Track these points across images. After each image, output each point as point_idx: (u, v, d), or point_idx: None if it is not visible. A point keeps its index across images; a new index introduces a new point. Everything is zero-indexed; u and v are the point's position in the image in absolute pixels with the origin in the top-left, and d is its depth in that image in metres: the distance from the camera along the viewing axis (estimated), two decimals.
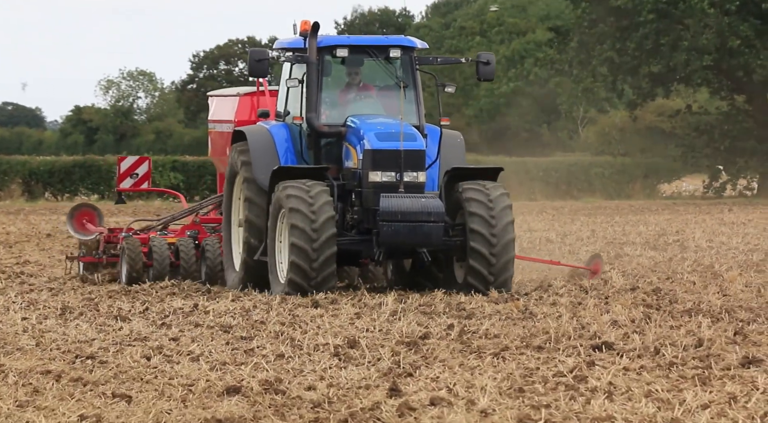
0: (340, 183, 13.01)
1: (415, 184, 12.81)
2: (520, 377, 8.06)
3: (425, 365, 8.59)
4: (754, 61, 39.69)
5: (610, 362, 8.49)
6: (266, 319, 10.96)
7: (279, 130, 13.40)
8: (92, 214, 15.00)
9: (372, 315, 11.21)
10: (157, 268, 14.09)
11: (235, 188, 13.67)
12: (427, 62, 13.47)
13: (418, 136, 13.00)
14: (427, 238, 12.48)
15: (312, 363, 8.69)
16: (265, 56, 13.18)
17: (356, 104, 13.43)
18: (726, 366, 8.33)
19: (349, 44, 13.26)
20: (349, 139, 13.10)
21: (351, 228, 12.96)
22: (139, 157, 15.73)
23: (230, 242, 13.68)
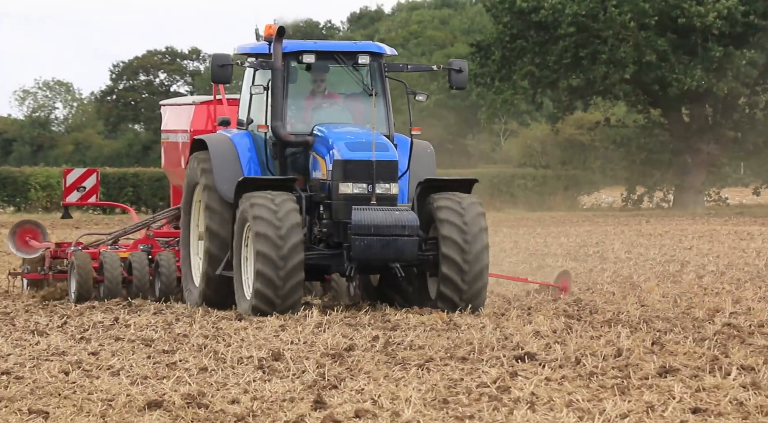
0: (307, 194, 12.33)
1: (388, 196, 12.17)
2: (444, 388, 8.07)
3: (350, 377, 8.54)
4: (669, 75, 40.62)
5: (533, 373, 8.54)
6: (189, 332, 10.85)
7: (242, 139, 12.71)
8: (35, 231, 14.29)
9: (297, 327, 11.08)
10: (108, 285, 13.33)
11: (194, 199, 12.98)
12: (397, 69, 12.82)
13: (390, 146, 12.36)
14: (401, 252, 11.87)
15: (236, 376, 8.59)
16: (229, 62, 12.47)
17: (322, 112, 12.77)
18: (644, 375, 8.39)
19: (316, 50, 12.59)
20: (316, 148, 12.46)
21: (319, 241, 12.29)
22: (86, 169, 15.06)
23: (189, 257, 12.99)
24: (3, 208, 38.95)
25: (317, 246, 12.24)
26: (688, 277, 16.02)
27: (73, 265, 13.42)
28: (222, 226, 12.45)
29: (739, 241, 23.87)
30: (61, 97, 66.22)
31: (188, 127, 14.20)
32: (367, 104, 12.59)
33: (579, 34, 39.80)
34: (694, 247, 21.96)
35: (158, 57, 60.97)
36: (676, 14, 39.36)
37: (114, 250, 13.88)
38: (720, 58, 39.37)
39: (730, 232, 27.67)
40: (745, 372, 8.55)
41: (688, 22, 39.07)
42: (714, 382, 8.11)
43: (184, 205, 13.11)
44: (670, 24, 40.06)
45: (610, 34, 38.97)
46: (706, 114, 42.25)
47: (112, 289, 13.31)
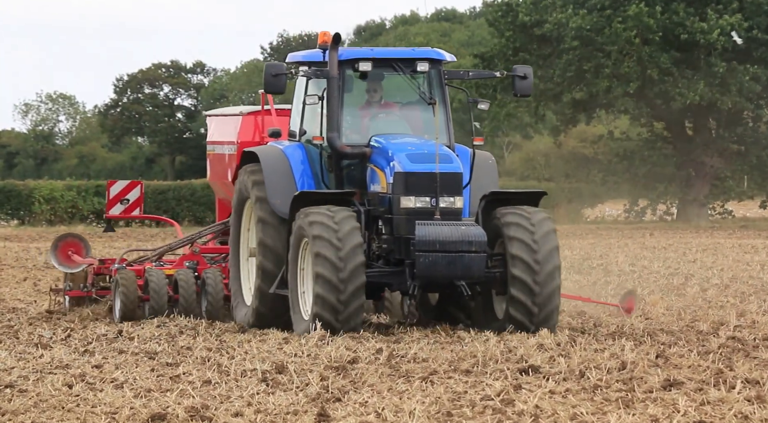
0: (365, 209, 11.57)
1: (452, 211, 11.41)
2: (448, 401, 8.02)
3: (354, 390, 8.48)
4: (672, 89, 40.68)
5: (537, 385, 8.49)
6: (192, 345, 10.76)
7: (294, 151, 11.99)
8: (78, 245, 13.70)
9: (300, 340, 10.95)
10: (154, 303, 12.68)
11: (244, 214, 12.22)
12: (458, 76, 12.11)
13: (454, 157, 11.60)
14: (468, 269, 11.07)
15: (239, 389, 8.54)
16: (283, 71, 11.75)
17: (379, 123, 12.04)
18: (648, 389, 8.35)
19: (372, 57, 11.87)
20: (375, 160, 11.71)
21: (378, 258, 11.54)
22: (130, 182, 14.52)
23: (239, 275, 12.25)
24: (7, 221, 38.99)
25: (376, 262, 11.53)
26: (693, 290, 15.92)
27: (118, 283, 12.79)
28: (276, 240, 11.75)
29: (743, 255, 23.75)
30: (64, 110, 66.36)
31: (235, 138, 13.46)
32: (426, 113, 11.95)
33: (583, 48, 39.85)
34: (698, 260, 21.81)
35: (162, 70, 61.16)
36: (679, 32, 39.42)
37: (159, 267, 13.23)
38: (723, 74, 39.42)
39: (734, 245, 27.57)
40: (750, 385, 8.49)
41: (691, 38, 39.15)
42: (719, 396, 8.04)
43: (233, 220, 12.36)
44: (673, 40, 40.14)
45: (614, 49, 39.02)
46: (710, 127, 42.24)
47: (158, 308, 12.67)
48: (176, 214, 39.59)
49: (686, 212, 41.61)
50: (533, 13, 40.59)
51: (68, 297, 13.78)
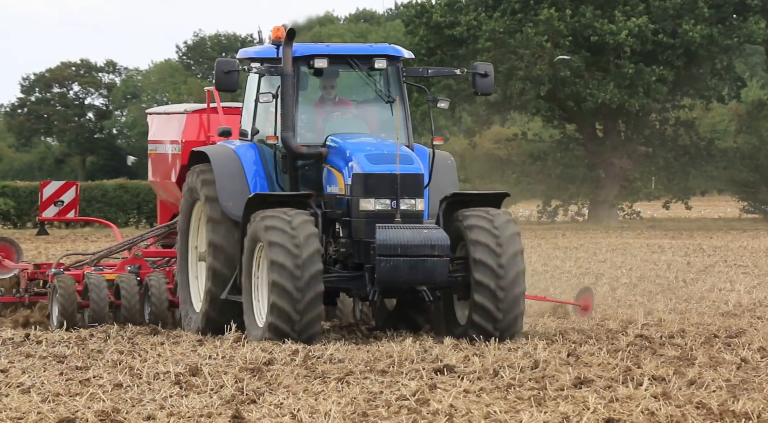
0: (322, 211, 11.04)
1: (413, 213, 10.92)
2: (363, 401, 8.01)
3: (269, 392, 8.40)
4: (583, 90, 41.44)
5: (452, 385, 8.52)
6: (103, 348, 10.58)
7: (246, 151, 11.43)
8: (9, 249, 13.14)
9: (215, 342, 10.88)
10: (94, 309, 12.07)
11: (193, 217, 11.66)
12: (416, 74, 11.59)
13: (414, 158, 11.10)
14: (430, 274, 10.59)
15: (152, 392, 8.41)
16: (235, 67, 11.15)
17: (335, 122, 11.50)
18: (560, 387, 8.44)
19: (328, 53, 11.35)
20: (331, 161, 11.17)
21: (335, 262, 11.00)
22: (65, 182, 13.83)
23: (188, 282, 11.69)
24: None
25: (333, 267, 10.97)
26: (603, 290, 16.19)
27: (56, 288, 12.14)
28: (227, 240, 11.19)
29: (650, 254, 24.05)
30: None
31: (179, 137, 12.92)
32: (383, 112, 11.43)
33: (496, 50, 40.35)
34: (608, 260, 21.96)
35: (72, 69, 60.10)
36: (589, 33, 40.20)
37: (99, 271, 12.61)
38: (632, 75, 40.31)
39: (643, 245, 28.09)
40: (656, 382, 8.60)
41: (601, 39, 39.97)
42: (627, 393, 8.15)
43: (181, 223, 11.77)
44: (583, 42, 40.87)
45: (527, 53, 39.58)
46: (619, 129, 43.13)
47: (99, 315, 12.09)
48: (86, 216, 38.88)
49: (597, 213, 42.32)
50: (447, 15, 40.96)
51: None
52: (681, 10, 40.51)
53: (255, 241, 10.93)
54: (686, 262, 21.92)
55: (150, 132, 13.71)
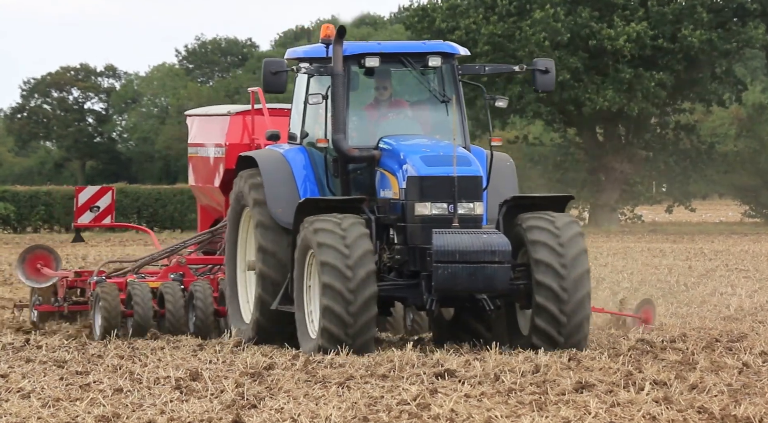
0: (375, 217, 10.53)
1: (472, 217, 10.42)
2: (364, 406, 7.98)
3: (270, 396, 8.34)
4: (582, 94, 41.53)
5: (452, 389, 8.49)
6: (104, 353, 10.54)
7: (296, 155, 10.95)
8: (48, 258, 12.71)
9: (215, 346, 10.80)
10: (138, 318, 11.63)
11: (241, 225, 11.17)
12: (473, 71, 11.16)
13: (472, 160, 10.63)
14: (491, 281, 10.10)
15: (152, 397, 8.36)
16: (283, 68, 10.65)
17: (388, 123, 10.97)
18: (561, 391, 8.43)
19: (380, 52, 10.82)
20: (384, 164, 10.68)
21: (390, 270, 10.50)
22: (101, 187, 13.43)
23: (236, 293, 11.17)
24: None
25: (388, 275, 10.49)
26: (604, 294, 16.17)
27: (98, 297, 11.70)
28: (277, 245, 10.71)
29: (651, 258, 23.95)
30: None
31: (223, 140, 12.41)
32: (438, 112, 10.95)
33: (495, 53, 40.41)
34: (609, 264, 21.84)
35: (72, 73, 60.18)
36: (587, 34, 40.29)
37: (141, 279, 12.13)
38: (630, 80, 40.39)
39: (644, 249, 28.02)
40: (658, 387, 8.60)
41: (599, 44, 40.07)
42: (628, 397, 8.14)
43: (229, 234, 11.25)
44: (581, 44, 40.97)
45: (525, 54, 39.66)
46: (620, 133, 43.21)
47: (143, 324, 11.62)
48: None
49: (597, 217, 42.35)
50: (449, 19, 41.04)
51: (37, 312, 12.69)
52: (680, 15, 40.53)
53: (306, 248, 10.44)
54: (687, 266, 21.90)
55: (190, 135, 13.15)
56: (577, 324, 10.32)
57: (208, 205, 13.06)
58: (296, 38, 64.93)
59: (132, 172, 57.40)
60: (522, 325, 10.64)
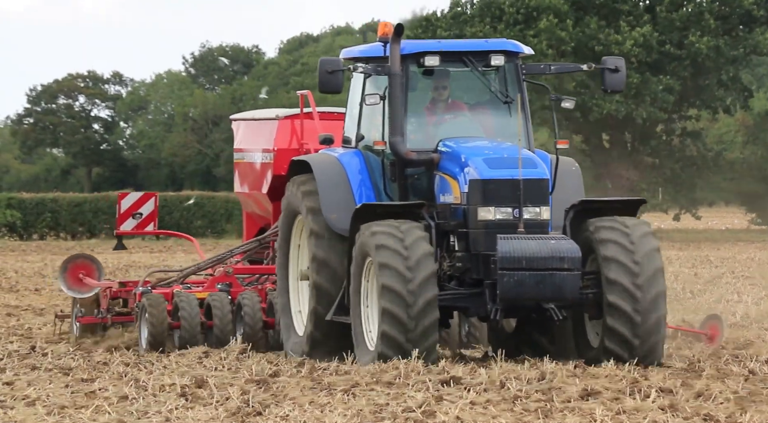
0: (435, 223, 10.05)
1: (538, 222, 9.89)
2: (370, 413, 7.94)
3: (275, 403, 8.29)
4: (589, 100, 41.58)
5: (458, 397, 8.42)
6: (109, 360, 10.53)
7: (351, 159, 10.44)
8: (90, 267, 12.33)
9: (221, 353, 10.76)
10: (186, 330, 11.18)
11: (293, 232, 10.68)
12: (537, 71, 10.65)
13: (538, 162, 10.06)
14: (559, 290, 9.55)
15: (157, 404, 8.31)
16: (340, 67, 10.15)
17: (447, 125, 10.47)
18: (567, 398, 8.37)
19: (440, 50, 10.32)
20: (444, 167, 10.17)
21: (450, 279, 9.97)
22: (144, 193, 12.98)
23: (288, 304, 10.69)
24: None
25: (449, 284, 9.96)
26: None
27: (144, 308, 11.26)
28: (331, 254, 10.22)
29: None
30: None
31: (271, 145, 11.98)
32: (500, 114, 10.45)
33: None
34: None
35: (79, 80, 60.34)
36: (593, 44, 40.35)
37: (187, 290, 11.70)
38: (638, 85, 40.42)
39: None
40: (664, 394, 8.54)
41: (606, 49, 40.10)
42: (634, 405, 8.11)
43: (280, 241, 10.75)
44: (587, 52, 41.04)
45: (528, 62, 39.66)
46: (626, 140, 43.23)
47: (190, 336, 11.20)
48: (93, 227, 38.97)
49: None
50: (452, 28, 41.10)
51: (79, 324, 12.24)
52: (687, 22, 40.54)
53: (363, 256, 9.96)
54: (693, 274, 21.82)
55: (236, 140, 12.69)
56: (650, 347, 9.76)
57: (253, 213, 12.58)
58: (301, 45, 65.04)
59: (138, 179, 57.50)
60: (591, 337, 10.05)
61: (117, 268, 16.39)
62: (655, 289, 9.77)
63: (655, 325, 9.77)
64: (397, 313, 9.67)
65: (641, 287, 9.72)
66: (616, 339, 9.78)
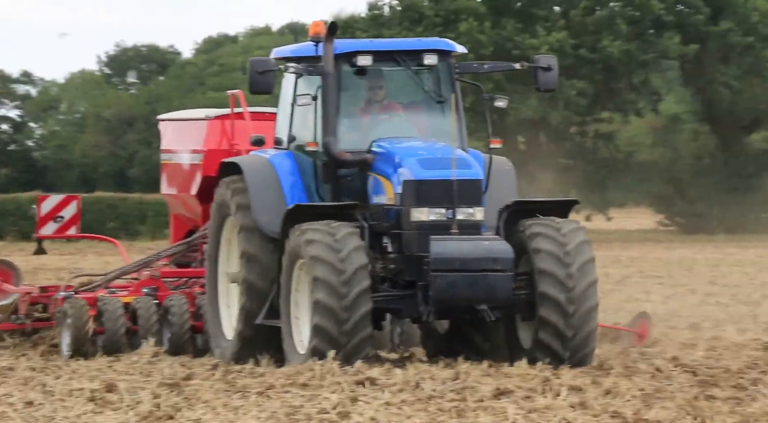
0: (368, 224, 9.95)
1: (472, 223, 9.81)
2: (284, 415, 7.89)
3: (187, 407, 8.22)
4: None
5: (373, 397, 8.42)
6: (15, 365, 10.35)
7: (282, 161, 10.32)
8: (8, 273, 12.07)
9: (132, 357, 10.65)
10: (109, 336, 11.03)
11: (223, 235, 10.53)
12: (471, 70, 10.57)
13: (472, 163, 10.02)
14: (493, 291, 9.53)
15: (65, 409, 8.16)
16: (271, 67, 10.01)
17: (381, 126, 10.36)
18: (480, 398, 8.43)
19: (373, 50, 10.23)
20: (378, 168, 10.08)
21: (383, 280, 9.88)
22: (65, 196, 12.62)
23: (217, 306, 10.53)
24: None
25: (381, 285, 9.86)
26: None
27: (66, 313, 11.08)
28: (262, 250, 10.07)
29: None
30: None
31: (201, 146, 11.83)
32: (434, 114, 10.36)
33: None
34: None
35: None
36: (510, 47, 40.89)
37: (112, 294, 11.53)
38: None
39: None
40: (574, 392, 8.66)
41: (522, 54, 40.69)
42: (545, 403, 8.22)
43: (210, 246, 10.61)
44: (504, 55, 41.54)
45: None
46: (541, 142, 43.91)
47: (114, 341, 11.04)
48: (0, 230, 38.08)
49: None
50: (371, 29, 41.24)
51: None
52: (600, 26, 41.31)
53: (295, 257, 9.81)
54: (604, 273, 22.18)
55: (163, 141, 12.49)
56: (583, 338, 9.70)
57: (182, 215, 12.39)
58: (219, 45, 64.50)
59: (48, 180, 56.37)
60: (523, 338, 10.01)
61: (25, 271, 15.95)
62: (587, 278, 9.75)
63: (587, 315, 9.74)
64: (329, 305, 9.55)
65: (573, 276, 9.71)
66: (548, 329, 9.71)
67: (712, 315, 15.34)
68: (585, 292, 9.75)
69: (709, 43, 41.62)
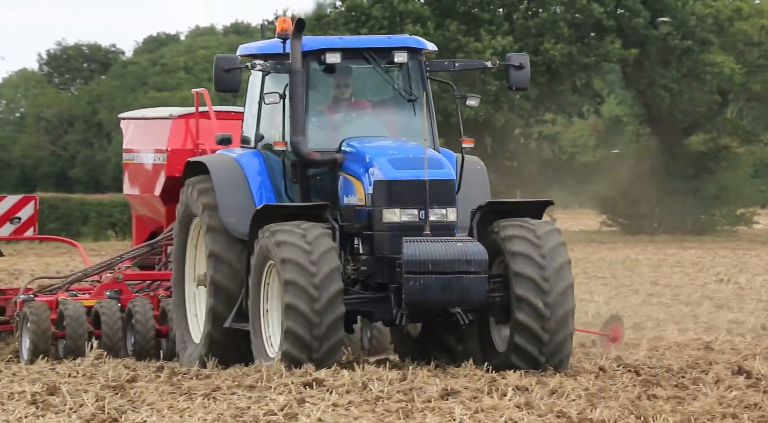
0: (339, 225, 9.74)
1: (445, 224, 9.63)
2: (230, 417, 7.84)
3: (132, 409, 8.14)
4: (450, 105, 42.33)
5: (320, 399, 8.38)
6: None
7: (250, 160, 10.07)
8: None
9: (76, 359, 10.56)
10: (71, 340, 10.76)
11: (190, 236, 10.30)
12: (442, 68, 10.44)
13: (444, 162, 9.85)
14: (466, 293, 9.33)
15: (5, 413, 8.05)
16: (237, 65, 9.81)
17: (350, 125, 10.15)
18: (427, 398, 8.43)
19: (342, 47, 10.02)
20: (348, 168, 9.85)
21: (355, 283, 9.67)
22: (22, 196, 12.24)
23: (184, 307, 10.30)
24: None
25: (353, 288, 9.64)
26: None
27: (26, 317, 10.81)
28: (229, 250, 9.86)
29: None
30: None
31: (165, 145, 11.59)
32: (404, 112, 10.19)
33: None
34: None
35: None
36: (455, 47, 41.10)
37: (74, 297, 11.22)
38: (496, 91, 41.38)
39: None
40: (520, 392, 8.72)
41: (466, 56, 40.93)
42: (492, 403, 8.26)
43: (176, 251, 10.37)
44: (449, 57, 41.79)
45: None
46: (486, 144, 44.20)
47: (76, 346, 10.77)
48: None
49: None
50: (316, 29, 41.16)
51: None
52: (542, 29, 41.71)
53: (264, 260, 9.55)
54: None
55: (125, 140, 12.24)
56: (559, 342, 9.55)
57: (144, 216, 12.12)
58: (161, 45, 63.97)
59: None
60: (497, 341, 9.82)
61: None
62: (563, 281, 9.59)
63: (564, 318, 9.57)
64: (301, 308, 9.32)
65: (549, 280, 9.53)
66: (524, 333, 9.51)
67: (654, 315, 15.56)
68: (562, 295, 9.56)
69: (648, 47, 42.22)
